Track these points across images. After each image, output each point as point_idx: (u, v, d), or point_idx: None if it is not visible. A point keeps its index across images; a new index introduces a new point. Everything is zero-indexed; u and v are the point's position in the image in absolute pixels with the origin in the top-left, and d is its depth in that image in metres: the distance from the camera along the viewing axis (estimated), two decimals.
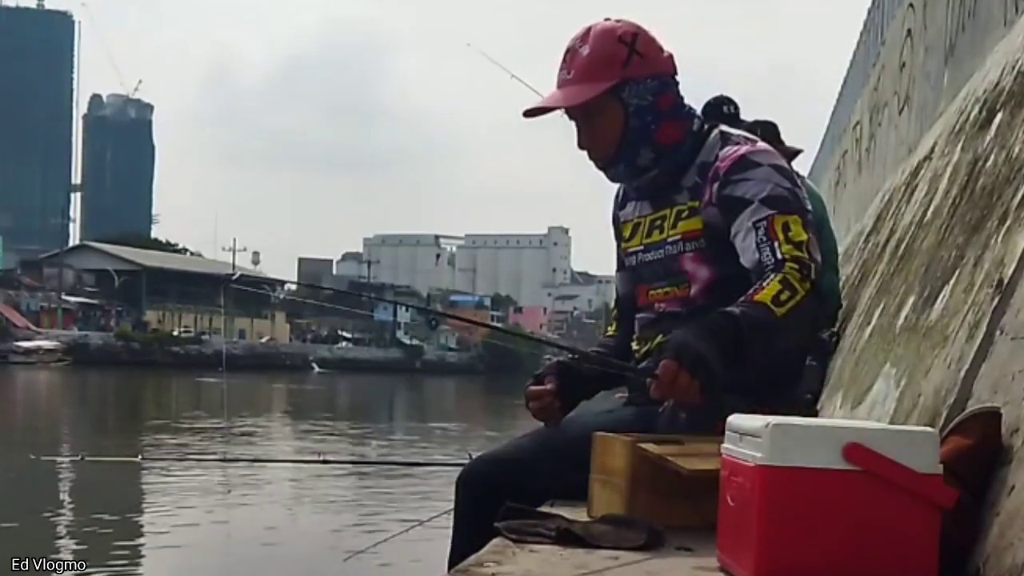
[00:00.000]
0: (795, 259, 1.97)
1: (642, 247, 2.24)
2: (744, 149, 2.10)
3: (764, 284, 1.94)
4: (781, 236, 1.99)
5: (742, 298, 1.96)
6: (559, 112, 2.14)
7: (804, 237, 2.00)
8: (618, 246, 2.38)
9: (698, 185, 2.12)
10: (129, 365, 53.13)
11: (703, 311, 2.07)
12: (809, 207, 2.09)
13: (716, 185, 2.08)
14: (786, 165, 2.13)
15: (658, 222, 2.19)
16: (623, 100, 2.10)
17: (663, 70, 2.14)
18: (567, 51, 2.13)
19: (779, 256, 1.97)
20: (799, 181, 2.14)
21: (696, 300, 2.11)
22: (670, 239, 2.16)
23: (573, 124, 2.18)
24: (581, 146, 2.18)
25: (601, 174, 2.25)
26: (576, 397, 2.23)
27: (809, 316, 1.99)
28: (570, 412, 2.21)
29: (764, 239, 2.00)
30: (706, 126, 2.18)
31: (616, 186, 2.37)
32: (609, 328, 2.46)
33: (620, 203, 2.35)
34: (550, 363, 2.27)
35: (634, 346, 2.26)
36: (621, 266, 2.37)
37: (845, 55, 12.73)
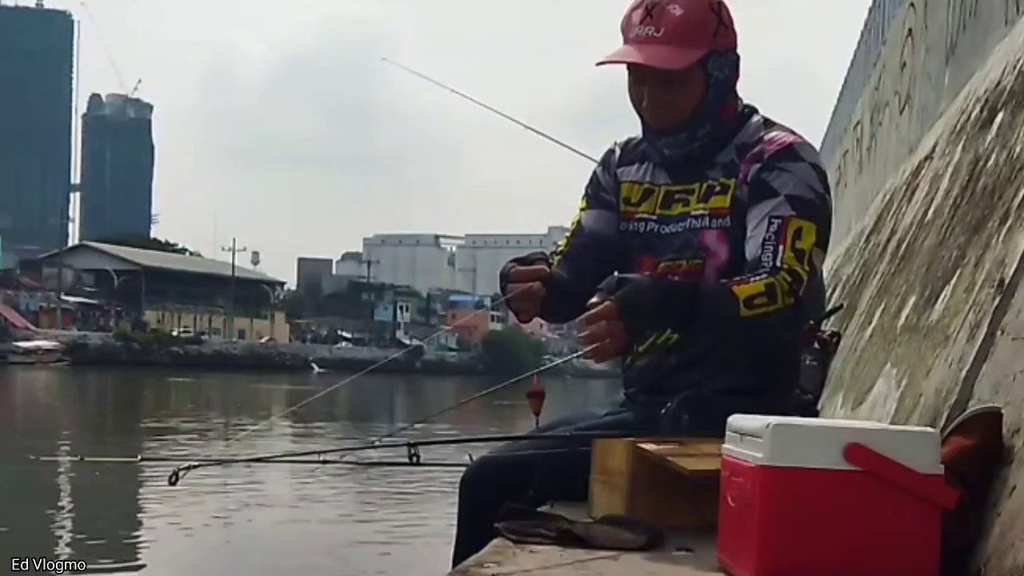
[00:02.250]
0: (791, 271, 1.93)
1: (656, 217, 2.15)
2: (792, 139, 2.06)
3: (751, 279, 1.92)
4: (789, 240, 1.95)
5: (724, 280, 1.95)
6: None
7: (809, 245, 1.96)
8: (594, 199, 2.25)
9: (734, 164, 2.07)
10: (128, 365, 53.08)
11: None
12: (831, 212, 2.06)
13: (757, 166, 2.03)
14: (823, 166, 2.08)
15: (682, 195, 2.12)
16: (707, 71, 2.04)
17: (736, 45, 2.10)
18: (652, 5, 2.01)
19: (778, 262, 1.94)
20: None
21: (709, 280, 2.05)
22: (695, 213, 2.09)
23: (625, 75, 2.09)
24: (644, 106, 2.08)
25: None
26: (553, 304, 2.10)
27: (781, 327, 1.95)
28: (537, 314, 2.07)
29: (772, 238, 1.96)
30: (746, 108, 2.14)
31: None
32: (553, 260, 2.23)
33: (620, 160, 2.25)
34: (537, 253, 2.12)
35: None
36: (599, 205, 2.24)
37: (846, 54, 12.74)
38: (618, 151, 2.26)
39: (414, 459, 1.89)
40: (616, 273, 1.97)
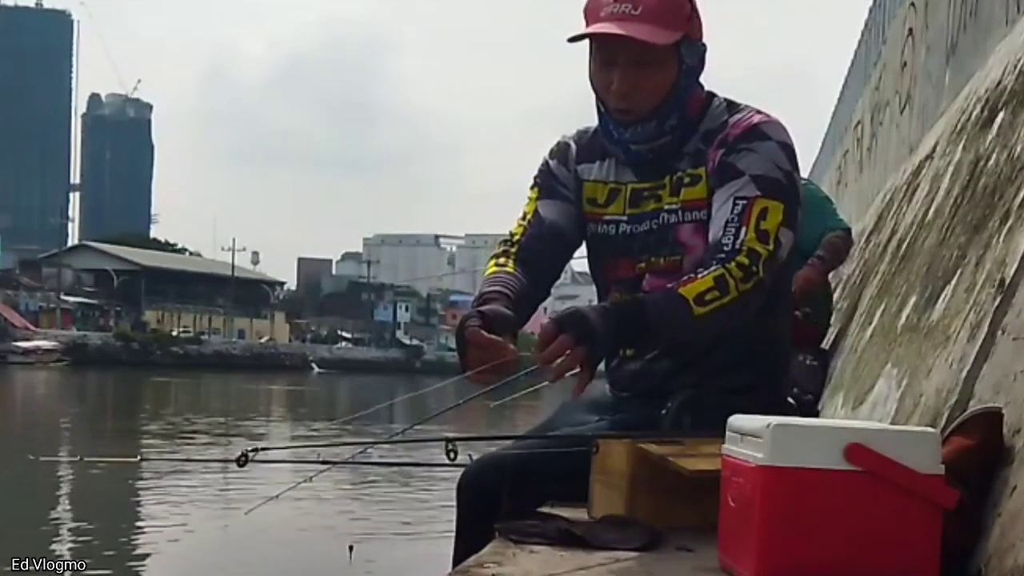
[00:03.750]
0: (750, 252, 1.88)
1: (627, 218, 2.09)
2: (756, 118, 2.01)
3: (699, 275, 1.86)
4: (753, 221, 1.90)
5: (669, 284, 1.89)
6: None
7: (775, 225, 1.91)
8: (548, 189, 2.15)
9: (701, 152, 2.02)
10: (128, 365, 53.05)
11: None
12: (800, 193, 2.00)
13: (721, 152, 1.98)
14: (792, 143, 2.03)
15: (651, 191, 2.06)
16: (680, 56, 1.98)
17: (703, 36, 2.04)
18: None
19: (737, 244, 1.88)
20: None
21: (686, 275, 1.97)
22: (668, 207, 2.04)
23: (592, 61, 2.01)
24: (612, 90, 1.99)
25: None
26: (518, 318, 1.98)
27: (745, 311, 1.88)
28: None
29: (735, 218, 1.91)
30: (707, 94, 2.08)
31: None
32: (507, 261, 2.09)
33: (579, 156, 2.15)
34: (492, 309, 1.90)
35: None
36: (555, 196, 2.13)
37: (846, 54, 12.74)
38: (574, 146, 2.16)
39: (451, 455, 1.88)
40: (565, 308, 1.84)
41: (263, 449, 2.07)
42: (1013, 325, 1.80)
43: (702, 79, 2.07)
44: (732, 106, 2.06)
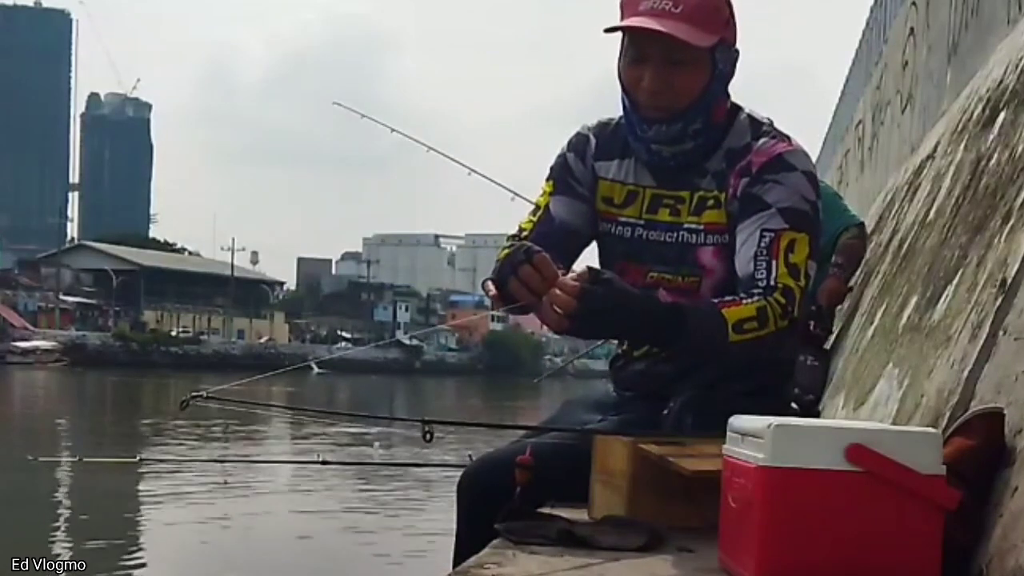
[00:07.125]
0: (785, 290, 1.89)
1: (643, 223, 2.07)
2: (781, 147, 1.99)
3: (743, 301, 1.88)
4: (782, 256, 1.90)
5: (715, 299, 1.90)
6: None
7: (803, 258, 1.92)
8: (563, 184, 2.11)
9: (724, 173, 2.00)
10: (127, 365, 53.05)
11: None
12: (821, 220, 2.00)
13: (745, 181, 1.97)
14: (815, 171, 2.03)
15: (670, 201, 2.04)
16: (714, 59, 1.95)
17: (736, 41, 2.02)
18: None
19: (772, 281, 1.89)
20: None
21: (704, 297, 1.99)
22: (689, 225, 2.02)
23: (623, 57, 1.98)
24: (642, 86, 1.95)
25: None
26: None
27: (772, 347, 1.91)
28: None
29: (764, 253, 1.91)
30: (732, 106, 2.06)
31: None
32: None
33: (598, 152, 2.11)
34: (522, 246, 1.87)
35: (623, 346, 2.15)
36: (569, 192, 2.11)
37: (847, 53, 12.74)
38: (594, 140, 2.12)
39: (427, 436, 1.88)
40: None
41: (208, 396, 2.14)
42: (1015, 325, 1.79)
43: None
44: (755, 124, 2.04)
